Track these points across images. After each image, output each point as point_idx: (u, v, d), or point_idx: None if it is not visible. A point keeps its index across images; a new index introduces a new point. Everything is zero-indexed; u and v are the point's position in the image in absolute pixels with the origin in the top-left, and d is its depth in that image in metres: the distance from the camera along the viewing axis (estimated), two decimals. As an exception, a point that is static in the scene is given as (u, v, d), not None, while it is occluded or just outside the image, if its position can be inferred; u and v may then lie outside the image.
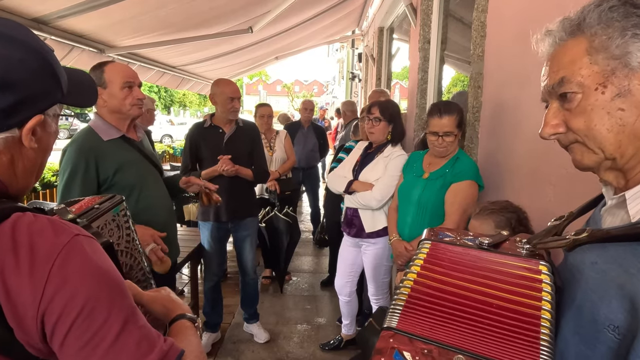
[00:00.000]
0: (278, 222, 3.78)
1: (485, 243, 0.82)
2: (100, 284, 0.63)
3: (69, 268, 0.61)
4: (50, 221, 0.64)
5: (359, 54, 9.24)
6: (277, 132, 4.08)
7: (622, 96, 0.60)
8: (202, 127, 2.90)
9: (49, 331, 0.59)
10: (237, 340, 3.22)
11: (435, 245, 0.85)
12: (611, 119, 0.61)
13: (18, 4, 2.29)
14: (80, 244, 0.63)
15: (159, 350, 0.64)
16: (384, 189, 2.46)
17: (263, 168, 3.03)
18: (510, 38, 1.91)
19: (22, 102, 0.65)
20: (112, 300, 0.63)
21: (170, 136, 21.24)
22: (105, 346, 0.60)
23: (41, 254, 0.60)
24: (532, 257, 0.77)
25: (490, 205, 1.49)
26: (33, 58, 0.66)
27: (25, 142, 0.68)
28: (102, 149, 1.84)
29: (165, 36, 3.71)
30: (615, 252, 0.61)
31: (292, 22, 5.14)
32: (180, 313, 0.82)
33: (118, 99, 1.87)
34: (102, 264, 0.65)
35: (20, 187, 0.72)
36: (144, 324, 0.65)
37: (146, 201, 1.95)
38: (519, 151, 1.81)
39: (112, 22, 3.02)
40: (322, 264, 4.82)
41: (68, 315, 0.59)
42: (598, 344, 0.60)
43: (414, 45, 3.98)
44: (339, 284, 2.90)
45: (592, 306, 0.61)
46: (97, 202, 1.00)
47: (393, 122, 2.55)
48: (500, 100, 2.03)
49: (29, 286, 0.58)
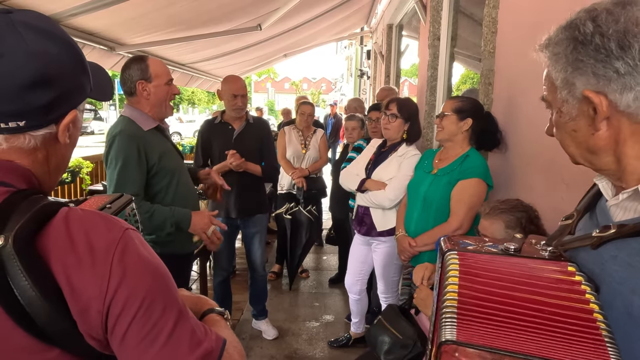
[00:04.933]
0: (301, 216, 3.80)
1: (511, 249, 0.79)
2: (155, 277, 0.64)
3: (127, 262, 0.61)
4: (99, 215, 0.65)
5: (368, 51, 9.19)
6: (315, 131, 4.08)
7: (572, 120, 0.68)
8: (212, 123, 2.93)
9: (111, 325, 0.60)
10: (246, 336, 3.23)
11: (462, 255, 0.80)
12: (569, 137, 0.71)
13: (29, 2, 2.31)
14: (132, 238, 0.64)
15: (209, 339, 0.65)
16: (398, 188, 2.43)
17: (272, 165, 3.04)
18: (522, 34, 1.89)
19: (61, 97, 0.65)
20: (167, 293, 0.64)
21: (179, 133, 21.38)
22: (163, 338, 0.61)
23: (100, 249, 0.60)
24: (556, 259, 0.75)
25: (500, 205, 1.47)
26: (69, 53, 0.66)
27: (61, 139, 0.68)
28: (146, 138, 1.90)
29: (175, 34, 3.73)
30: (637, 244, 0.61)
31: (300, 19, 5.13)
32: (209, 308, 0.83)
33: (163, 93, 1.95)
34: (153, 258, 0.66)
35: (52, 183, 0.72)
36: (192, 315, 0.67)
37: (183, 187, 2.04)
38: (530, 149, 1.79)
39: (122, 20, 3.04)
40: (330, 262, 4.82)
41: (130, 308, 0.60)
42: (636, 339, 0.59)
43: (424, 42, 3.95)
44: (349, 281, 2.89)
45: (624, 299, 0.61)
46: (108, 202, 1.00)
47: (410, 121, 2.51)
48: (512, 97, 2.01)
49: (93, 281, 0.59)
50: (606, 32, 0.60)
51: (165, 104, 1.98)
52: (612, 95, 0.62)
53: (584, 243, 0.70)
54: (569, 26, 0.65)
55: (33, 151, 0.67)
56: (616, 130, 0.64)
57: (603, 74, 0.61)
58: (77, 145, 0.77)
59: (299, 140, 3.96)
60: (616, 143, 0.65)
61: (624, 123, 0.63)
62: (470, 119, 2.01)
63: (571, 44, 0.64)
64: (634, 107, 0.61)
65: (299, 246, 3.85)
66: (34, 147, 0.66)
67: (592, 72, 0.62)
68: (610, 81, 0.61)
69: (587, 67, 0.63)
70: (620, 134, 0.64)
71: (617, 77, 0.60)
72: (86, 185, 4.80)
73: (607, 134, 0.65)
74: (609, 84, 0.61)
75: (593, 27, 0.61)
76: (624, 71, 0.60)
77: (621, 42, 0.59)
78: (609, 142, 0.66)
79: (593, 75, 0.62)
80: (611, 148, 0.66)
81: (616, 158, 0.66)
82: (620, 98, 0.61)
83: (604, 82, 0.62)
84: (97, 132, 24.56)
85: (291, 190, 3.94)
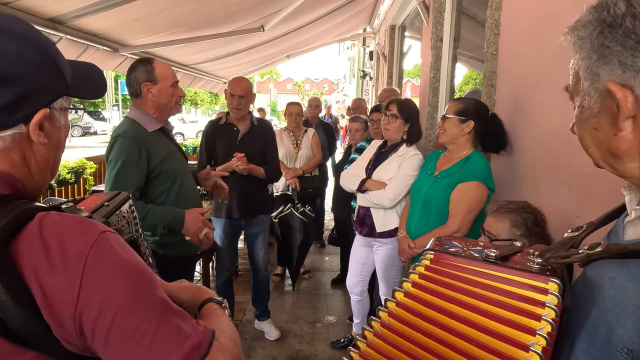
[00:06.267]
0: (293, 219, 3.79)
1: (492, 256, 0.76)
2: (133, 278, 0.63)
3: (101, 266, 0.61)
4: (76, 219, 0.64)
5: (370, 52, 9.20)
6: (306, 130, 4.10)
7: (594, 117, 0.60)
8: (217, 124, 2.94)
9: (89, 330, 0.60)
10: (248, 337, 3.23)
11: (438, 256, 0.80)
12: (589, 136, 0.62)
13: (34, 4, 2.32)
14: (108, 240, 0.64)
15: (196, 331, 0.65)
16: (397, 188, 2.44)
17: (275, 167, 3.05)
18: (525, 36, 1.89)
19: (24, 96, 0.64)
20: (146, 294, 0.64)
21: (182, 134, 21.42)
22: (149, 337, 0.60)
23: (72, 253, 0.60)
24: (542, 273, 0.71)
25: (507, 204, 1.48)
26: (31, 51, 0.65)
27: (34, 138, 0.67)
28: (150, 139, 1.91)
29: (178, 35, 3.74)
30: (636, 268, 0.55)
31: (303, 20, 5.14)
32: (208, 297, 0.83)
33: (168, 95, 1.97)
34: (131, 258, 0.65)
35: (37, 185, 0.72)
36: (178, 310, 0.66)
37: (186, 190, 2.05)
38: (533, 150, 1.79)
39: (125, 21, 3.05)
40: (332, 262, 4.82)
41: (108, 311, 0.60)
42: None
43: (426, 43, 3.95)
44: (350, 282, 2.90)
45: (608, 326, 0.56)
46: (105, 200, 1.01)
47: (410, 122, 2.52)
48: (514, 98, 2.01)
49: (64, 286, 0.59)
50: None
51: (170, 107, 2.00)
52: (639, 89, 0.53)
53: (574, 260, 0.63)
54: (599, 6, 0.57)
55: (7, 153, 0.66)
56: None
57: (631, 64, 0.53)
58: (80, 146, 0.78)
59: (290, 141, 3.98)
60: None
61: None
62: (472, 121, 2.00)
63: (598, 27, 0.56)
64: None
65: (294, 248, 3.85)
66: (7, 149, 0.66)
67: (619, 61, 0.54)
68: (639, 73, 0.53)
69: (613, 55, 0.54)
70: None
71: None
72: (89, 186, 4.82)
73: (632, 136, 0.56)
74: (636, 76, 0.53)
75: (626, 8, 0.53)
76: None
77: None
78: (634, 146, 0.56)
79: (619, 65, 0.54)
80: (637, 152, 0.57)
81: None
82: None
83: (630, 73, 0.54)
84: (100, 132, 24.66)
85: (286, 191, 3.95)
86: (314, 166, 4.06)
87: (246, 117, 2.89)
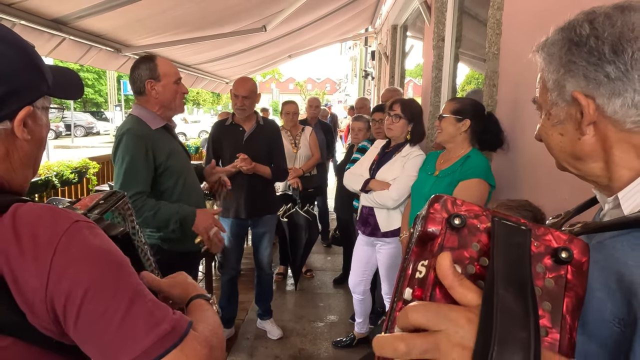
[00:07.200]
0: (298, 218, 3.80)
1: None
2: (103, 264, 0.64)
3: (71, 252, 0.62)
4: (49, 209, 0.66)
5: (372, 51, 9.20)
6: (303, 129, 4.08)
7: (560, 123, 0.68)
8: (223, 124, 2.96)
9: (61, 314, 0.61)
10: (251, 336, 3.25)
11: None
12: (555, 140, 0.71)
13: (37, 4, 2.34)
14: (81, 229, 0.65)
15: (170, 319, 0.65)
16: (401, 188, 2.44)
17: (282, 166, 3.05)
18: (526, 36, 1.89)
19: (10, 93, 0.67)
20: (117, 278, 0.65)
21: (184, 134, 21.45)
22: (117, 320, 0.61)
23: (43, 240, 0.62)
24: None
25: (508, 202, 1.48)
26: (14, 52, 0.68)
27: (18, 133, 0.69)
28: (154, 137, 1.92)
29: (180, 35, 3.76)
30: (613, 248, 0.61)
31: (305, 20, 5.14)
32: (196, 294, 0.85)
33: (171, 92, 1.96)
34: (103, 244, 0.67)
35: (20, 181, 0.74)
36: (152, 298, 0.67)
37: (190, 187, 2.06)
38: (534, 149, 1.80)
39: (128, 21, 3.07)
40: (334, 262, 4.83)
41: (75, 296, 0.61)
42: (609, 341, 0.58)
43: (428, 42, 3.96)
44: (352, 282, 2.90)
45: (600, 304, 0.60)
46: (101, 198, 1.02)
47: (414, 122, 2.52)
48: (516, 98, 2.01)
49: (34, 272, 0.61)
50: (601, 35, 0.60)
51: (174, 103, 2.00)
52: (600, 99, 0.61)
53: None
54: (566, 27, 0.65)
55: None
56: (602, 137, 0.64)
57: (594, 77, 0.61)
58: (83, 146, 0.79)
59: (288, 141, 3.96)
60: (603, 150, 0.64)
61: (610, 130, 0.63)
62: (469, 120, 2.01)
63: (566, 45, 0.64)
64: (621, 114, 0.60)
65: (300, 247, 3.86)
66: None
67: (583, 74, 0.62)
68: (600, 85, 0.61)
69: (578, 69, 0.62)
70: (607, 141, 0.63)
71: (607, 81, 0.60)
72: (93, 186, 4.84)
73: (593, 140, 0.64)
74: (598, 88, 0.61)
75: (589, 29, 0.61)
76: (615, 76, 0.59)
77: (615, 46, 0.59)
78: (595, 149, 0.65)
79: (584, 77, 0.62)
80: (598, 155, 0.65)
81: (605, 165, 0.65)
82: (608, 103, 0.60)
83: (593, 85, 0.61)
84: (102, 132, 24.73)
85: (287, 191, 3.96)
86: (313, 165, 4.06)
87: (252, 117, 2.90)
